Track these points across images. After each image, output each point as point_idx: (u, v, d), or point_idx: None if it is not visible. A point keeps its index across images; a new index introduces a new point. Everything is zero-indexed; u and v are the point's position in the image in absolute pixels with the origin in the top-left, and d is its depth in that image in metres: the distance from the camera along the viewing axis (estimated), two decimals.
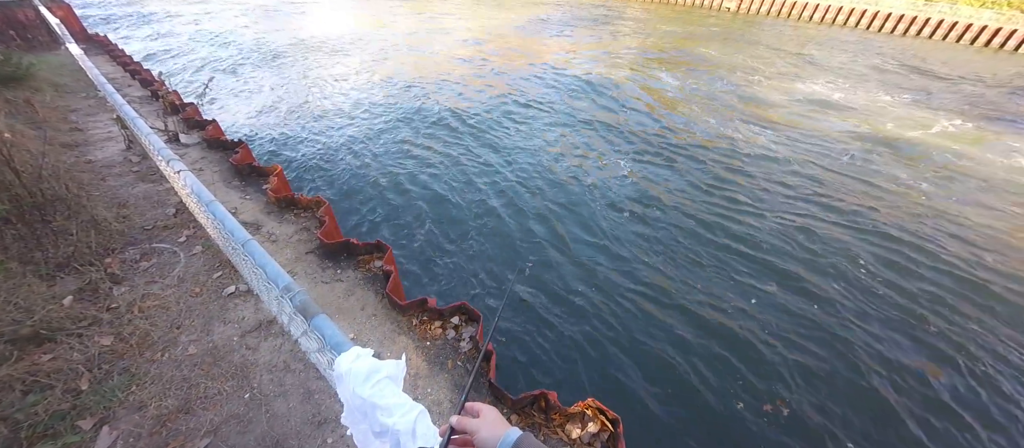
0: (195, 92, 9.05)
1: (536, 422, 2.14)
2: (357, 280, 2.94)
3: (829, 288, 4.50)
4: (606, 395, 3.26)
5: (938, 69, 13.94)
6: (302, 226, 3.46)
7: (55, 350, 2.17)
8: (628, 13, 22.96)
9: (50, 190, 3.13)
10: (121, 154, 4.40)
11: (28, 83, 5.92)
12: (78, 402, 1.97)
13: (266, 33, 15.69)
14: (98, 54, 8.77)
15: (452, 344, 2.52)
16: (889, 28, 21.15)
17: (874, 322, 4.13)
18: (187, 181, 2.26)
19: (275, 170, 4.02)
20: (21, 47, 8.02)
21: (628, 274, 4.58)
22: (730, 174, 6.70)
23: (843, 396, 3.46)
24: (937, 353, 3.87)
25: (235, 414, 2.03)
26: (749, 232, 5.30)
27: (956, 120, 9.60)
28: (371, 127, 8.09)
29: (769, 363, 3.67)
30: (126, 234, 3.13)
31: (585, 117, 8.87)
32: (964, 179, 6.99)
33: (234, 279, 2.77)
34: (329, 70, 11.58)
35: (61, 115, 5.30)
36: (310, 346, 1.44)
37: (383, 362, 1.11)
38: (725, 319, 4.06)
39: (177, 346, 2.32)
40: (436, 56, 13.48)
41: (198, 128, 5.16)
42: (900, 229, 5.50)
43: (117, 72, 7.59)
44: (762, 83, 11.57)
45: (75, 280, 2.62)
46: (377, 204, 5.70)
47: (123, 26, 15.63)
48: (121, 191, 3.71)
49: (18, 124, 4.34)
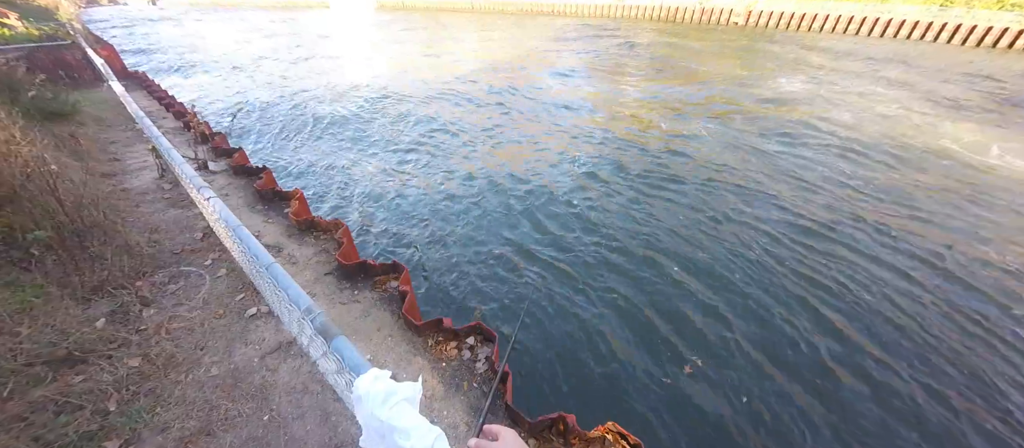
0: (224, 121, 9.55)
1: (555, 446, 2.07)
2: (373, 301, 2.97)
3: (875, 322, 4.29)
4: (628, 418, 3.15)
5: (954, 74, 13.54)
6: (321, 248, 3.54)
7: (86, 371, 2.25)
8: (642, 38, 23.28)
9: (89, 217, 3.31)
10: (154, 182, 4.64)
11: (73, 118, 6.37)
12: (106, 423, 2.02)
13: (291, 63, 16.54)
14: (136, 89, 9.40)
15: (467, 365, 2.49)
16: (905, 34, 20.76)
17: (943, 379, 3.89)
18: (215, 207, 2.37)
19: (296, 194, 4.16)
20: (68, 85, 8.68)
21: (648, 293, 4.48)
22: (745, 195, 6.58)
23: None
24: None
25: (254, 437, 2.04)
26: (777, 262, 5.12)
27: (973, 124, 9.25)
28: (389, 151, 8.32)
29: (803, 383, 3.49)
30: (156, 258, 3.26)
31: (599, 142, 8.92)
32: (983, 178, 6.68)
33: (256, 301, 2.84)
34: (348, 94, 12.06)
35: (101, 146, 5.65)
36: (329, 367, 1.45)
37: (401, 384, 1.10)
38: (755, 345, 3.90)
39: (200, 367, 2.37)
40: (452, 79, 13.90)
41: (226, 155, 5.42)
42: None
43: (153, 105, 8.10)
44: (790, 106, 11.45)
45: (108, 303, 2.73)
46: (393, 224, 5.80)
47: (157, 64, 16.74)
48: (153, 217, 3.89)
49: (63, 156, 4.65)
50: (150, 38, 21.36)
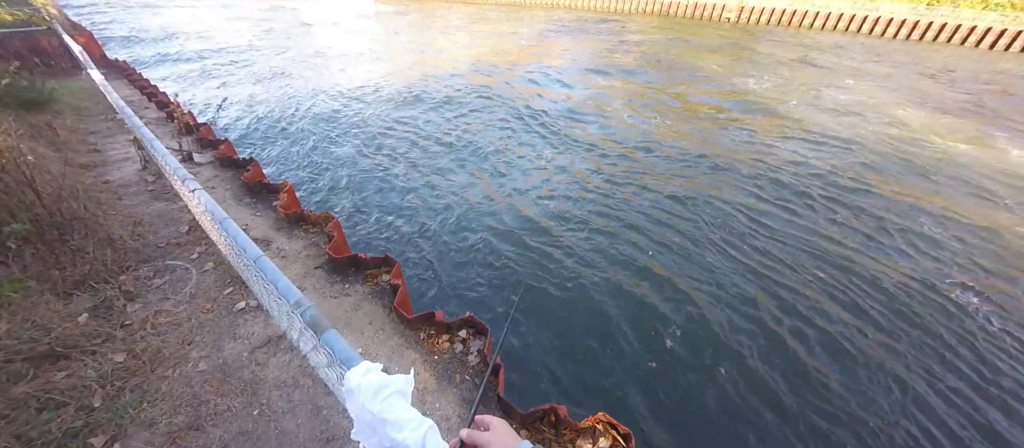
0: (209, 112, 9.33)
1: (546, 437, 2.10)
2: (365, 294, 2.95)
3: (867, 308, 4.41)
4: (618, 409, 3.20)
5: (938, 72, 13.85)
6: (311, 241, 3.50)
7: (70, 367, 2.20)
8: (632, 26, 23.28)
9: (69, 210, 3.21)
10: (137, 174, 4.52)
11: (51, 107, 6.15)
12: (91, 419, 1.98)
13: (279, 54, 16.16)
14: (117, 78, 9.10)
15: (460, 358, 2.50)
16: (892, 33, 21.14)
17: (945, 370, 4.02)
18: (201, 199, 2.31)
19: (285, 186, 4.09)
20: (44, 73, 8.35)
21: (638, 285, 4.53)
22: (740, 182, 6.67)
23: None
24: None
25: (244, 431, 2.02)
26: (769, 246, 5.23)
27: (953, 120, 9.51)
28: (379, 143, 8.22)
29: (789, 373, 3.58)
30: (140, 252, 3.19)
31: (590, 139, 8.93)
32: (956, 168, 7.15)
33: (244, 295, 2.80)
34: (338, 87, 11.85)
35: (81, 137, 5.48)
36: (319, 361, 1.44)
37: (392, 377, 1.10)
38: (744, 335, 3.99)
39: (188, 362, 2.34)
40: (444, 71, 13.74)
41: (211, 147, 5.30)
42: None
43: (134, 95, 7.85)
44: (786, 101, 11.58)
45: (90, 298, 2.67)
46: (384, 217, 5.75)
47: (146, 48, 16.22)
48: (136, 210, 3.80)
49: (40, 147, 4.50)
50: (130, 25, 20.64)
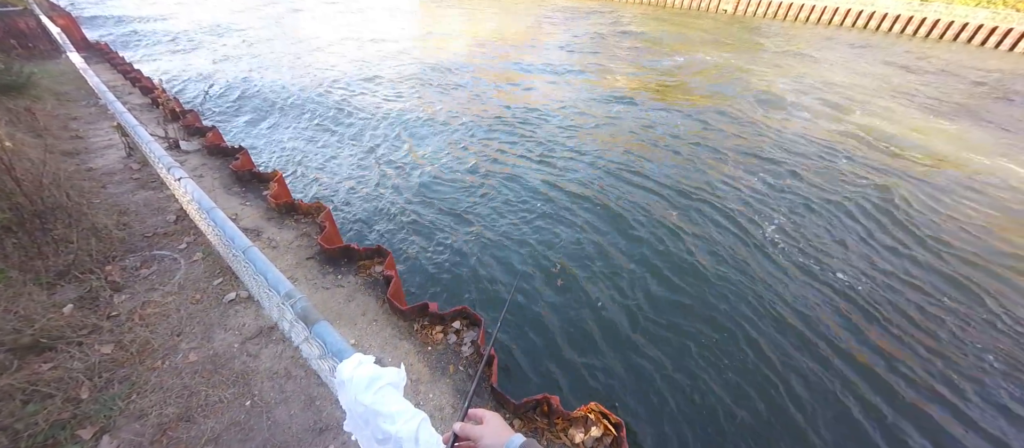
0: (196, 98, 9.10)
1: (539, 427, 2.12)
2: (358, 285, 2.93)
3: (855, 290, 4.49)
4: (609, 399, 3.25)
5: (929, 68, 14.00)
6: (303, 232, 3.46)
7: (55, 359, 2.17)
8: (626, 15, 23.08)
9: (51, 198, 3.13)
10: (122, 161, 4.41)
11: (29, 92, 5.94)
12: (78, 411, 1.96)
13: (270, 39, 15.76)
14: (99, 62, 8.81)
15: (453, 349, 2.51)
16: (886, 28, 21.28)
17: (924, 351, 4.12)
18: (188, 188, 2.27)
19: (275, 176, 4.02)
20: (22, 56, 8.06)
21: (631, 275, 4.57)
22: (731, 171, 6.71)
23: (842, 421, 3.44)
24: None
25: (236, 422, 2.01)
26: (761, 240, 5.29)
27: (943, 119, 9.64)
28: (372, 132, 8.11)
29: (773, 360, 3.66)
30: (127, 241, 3.12)
31: (589, 126, 8.90)
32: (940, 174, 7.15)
33: (235, 286, 2.76)
34: (328, 73, 11.62)
35: (62, 123, 5.31)
36: (311, 353, 1.43)
37: (385, 369, 1.10)
38: (733, 322, 4.05)
39: (178, 354, 2.31)
40: (439, 62, 13.53)
41: (198, 134, 5.18)
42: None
43: (117, 80, 7.62)
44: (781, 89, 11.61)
45: (75, 288, 2.61)
46: (377, 208, 5.70)
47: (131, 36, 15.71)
48: (122, 198, 3.71)
49: (19, 133, 4.35)
50: (112, 6, 19.93)
